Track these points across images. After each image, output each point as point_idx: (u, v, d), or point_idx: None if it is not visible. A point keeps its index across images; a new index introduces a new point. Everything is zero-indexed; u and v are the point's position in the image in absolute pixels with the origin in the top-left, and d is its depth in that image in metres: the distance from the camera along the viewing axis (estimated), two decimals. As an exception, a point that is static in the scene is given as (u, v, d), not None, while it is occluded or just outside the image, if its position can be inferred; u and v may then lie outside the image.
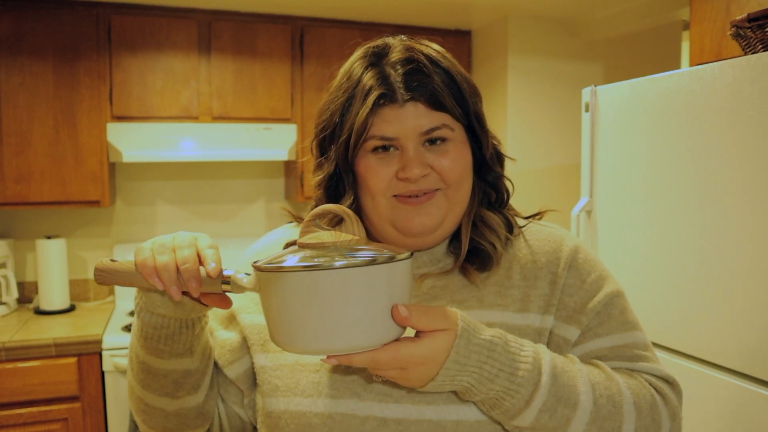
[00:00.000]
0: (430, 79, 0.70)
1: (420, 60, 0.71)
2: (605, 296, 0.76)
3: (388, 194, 0.72)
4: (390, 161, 0.71)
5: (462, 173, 0.74)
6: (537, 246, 0.79)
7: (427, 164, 0.71)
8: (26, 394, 2.09)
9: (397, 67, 0.71)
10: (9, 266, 2.51)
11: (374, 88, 0.70)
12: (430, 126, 0.71)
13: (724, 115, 1.46)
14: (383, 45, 0.74)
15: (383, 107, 0.70)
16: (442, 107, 0.71)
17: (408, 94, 0.70)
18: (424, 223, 0.73)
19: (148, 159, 2.44)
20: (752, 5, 1.71)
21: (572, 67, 2.85)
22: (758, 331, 1.39)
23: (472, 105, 0.75)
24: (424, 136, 0.71)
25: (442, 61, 0.73)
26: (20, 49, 2.33)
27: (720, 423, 1.48)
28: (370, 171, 0.72)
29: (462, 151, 0.74)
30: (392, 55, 0.72)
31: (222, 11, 2.59)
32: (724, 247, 1.46)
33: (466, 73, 0.76)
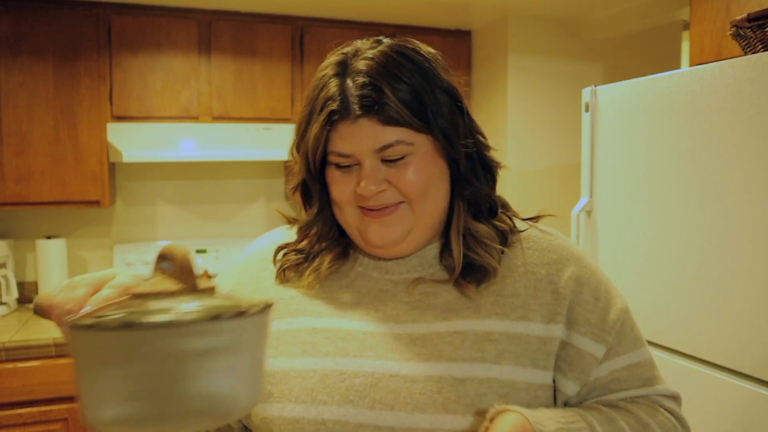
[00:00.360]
0: (382, 94, 0.67)
1: (375, 72, 0.68)
2: (620, 313, 0.76)
3: (353, 205, 0.72)
4: (351, 176, 0.71)
5: (425, 187, 0.71)
6: (537, 255, 0.77)
7: (384, 180, 0.70)
8: (26, 394, 2.09)
9: (356, 79, 0.69)
10: (9, 266, 2.51)
11: (329, 104, 0.69)
12: (384, 143, 0.69)
13: (724, 115, 1.46)
14: (353, 51, 0.72)
15: (339, 122, 0.69)
16: (396, 123, 0.68)
17: (360, 110, 0.68)
18: (384, 236, 0.72)
19: (148, 159, 2.44)
20: (752, 5, 1.71)
21: (572, 67, 2.85)
22: (758, 331, 1.39)
23: (440, 116, 0.70)
24: (379, 153, 0.69)
25: (405, 70, 0.69)
26: (20, 49, 2.33)
27: (720, 423, 1.48)
28: (333, 183, 0.73)
29: (426, 164, 0.71)
30: (355, 64, 0.70)
31: (222, 11, 2.59)
32: (724, 247, 1.46)
33: (440, 80, 0.72)
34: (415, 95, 0.69)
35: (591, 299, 0.75)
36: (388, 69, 0.69)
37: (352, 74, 0.69)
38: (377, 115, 0.68)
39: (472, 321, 0.71)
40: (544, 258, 0.76)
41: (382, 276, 0.77)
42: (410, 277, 0.76)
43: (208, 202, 2.93)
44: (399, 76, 0.69)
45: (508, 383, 0.68)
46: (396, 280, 0.76)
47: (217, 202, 2.94)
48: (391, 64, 0.69)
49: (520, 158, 2.81)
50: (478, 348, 0.69)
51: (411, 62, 0.70)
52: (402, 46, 0.72)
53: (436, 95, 0.70)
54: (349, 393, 0.69)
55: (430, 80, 0.70)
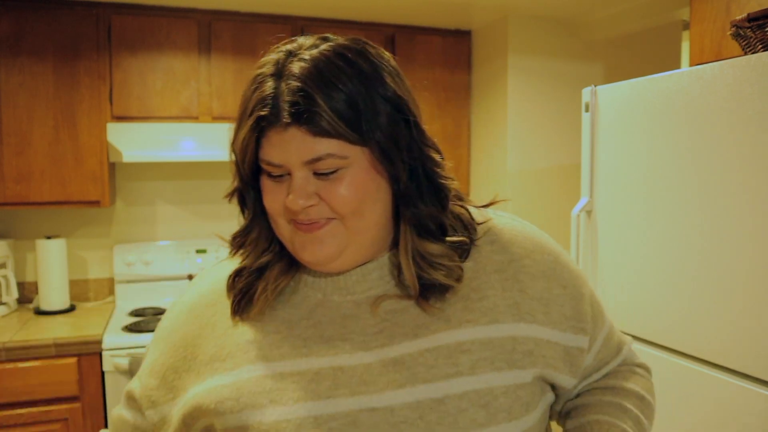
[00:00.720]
0: (314, 103, 0.62)
1: (309, 78, 0.62)
2: (590, 297, 0.78)
3: (286, 218, 0.68)
4: (282, 186, 0.66)
5: (358, 204, 0.66)
6: (501, 251, 0.74)
7: (314, 193, 0.65)
8: (26, 395, 2.09)
9: (289, 83, 0.63)
10: (9, 266, 2.51)
11: (258, 107, 0.64)
12: (313, 156, 0.63)
13: (724, 115, 1.46)
14: (292, 50, 0.66)
15: (269, 128, 0.64)
16: (327, 134, 0.63)
17: (290, 117, 0.62)
18: (315, 253, 0.67)
19: (148, 159, 2.44)
20: (752, 5, 1.71)
21: (572, 67, 2.85)
22: (758, 331, 1.39)
23: (378, 128, 0.64)
24: (309, 165, 0.64)
25: (343, 76, 0.63)
26: (20, 49, 2.33)
27: (720, 423, 1.48)
28: (265, 193, 0.68)
29: (361, 179, 0.65)
30: (290, 67, 0.64)
31: (222, 11, 2.59)
32: (724, 247, 1.47)
33: (386, 86, 0.66)
34: (351, 104, 0.63)
35: (560, 291, 0.74)
36: (323, 74, 0.63)
37: (286, 77, 0.63)
38: (307, 125, 0.62)
39: (443, 334, 0.68)
40: (508, 254, 0.74)
41: (343, 298, 0.72)
42: (373, 294, 0.72)
43: (208, 202, 2.93)
44: (335, 82, 0.63)
45: (486, 392, 0.66)
46: (359, 300, 0.72)
47: (217, 202, 2.94)
48: (329, 68, 0.63)
49: (520, 158, 2.81)
50: (452, 362, 0.66)
51: (351, 67, 0.64)
52: (346, 48, 0.66)
53: (376, 104, 0.64)
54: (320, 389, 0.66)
55: (371, 88, 0.64)
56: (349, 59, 0.65)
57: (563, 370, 0.73)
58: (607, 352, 0.80)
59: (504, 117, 2.80)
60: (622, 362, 0.83)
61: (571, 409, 0.79)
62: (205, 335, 0.74)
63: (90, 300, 2.76)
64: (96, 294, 2.78)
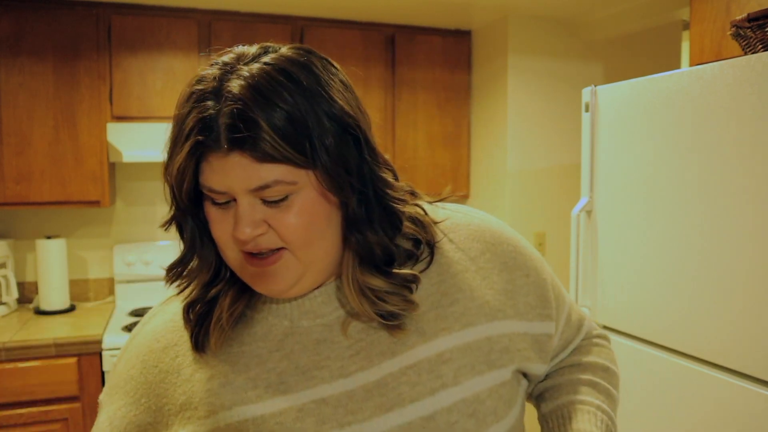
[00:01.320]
0: (255, 126, 0.56)
1: (249, 98, 0.57)
2: (551, 282, 0.79)
3: (234, 247, 0.63)
4: (228, 215, 0.61)
5: (308, 233, 0.61)
6: (461, 250, 0.72)
7: (262, 221, 0.60)
8: (26, 394, 2.09)
9: (227, 103, 0.57)
10: (9, 266, 2.51)
11: (195, 132, 0.58)
12: (258, 184, 0.58)
13: (724, 115, 1.46)
14: (231, 62, 0.61)
15: (209, 152, 0.58)
16: (273, 160, 0.57)
17: (229, 144, 0.57)
18: (270, 288, 0.64)
19: (148, 159, 2.44)
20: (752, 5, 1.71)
21: (572, 67, 2.85)
22: (758, 331, 1.39)
23: (323, 149, 0.59)
24: (255, 192, 0.59)
25: (285, 93, 0.58)
26: (20, 49, 2.33)
27: (720, 423, 1.48)
28: (212, 222, 0.63)
29: (311, 205, 0.61)
30: (229, 85, 0.58)
31: (222, 11, 2.59)
32: (724, 247, 1.47)
33: (333, 102, 0.60)
34: (295, 125, 0.57)
35: (523, 280, 0.74)
36: (264, 94, 0.57)
37: (225, 97, 0.58)
38: (250, 151, 0.57)
39: (420, 347, 0.66)
40: (469, 251, 0.73)
41: (313, 322, 0.68)
42: (342, 314, 0.68)
43: (208, 202, 2.93)
44: (276, 102, 0.57)
45: (472, 399, 0.65)
46: (329, 322, 0.68)
47: (217, 202, 2.94)
48: (270, 86, 0.58)
49: (520, 158, 2.81)
50: (436, 375, 0.65)
51: (294, 83, 0.59)
52: (289, 61, 0.61)
53: (322, 123, 0.59)
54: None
55: (316, 105, 0.59)
56: (291, 75, 0.59)
57: (535, 359, 0.74)
58: (570, 331, 0.82)
59: (504, 117, 2.80)
60: (584, 336, 0.86)
61: (543, 390, 0.81)
62: (170, 382, 0.68)
63: (90, 300, 2.76)
64: (96, 294, 2.78)
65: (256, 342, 0.68)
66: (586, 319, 0.87)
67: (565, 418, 0.75)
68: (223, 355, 0.67)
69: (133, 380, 0.70)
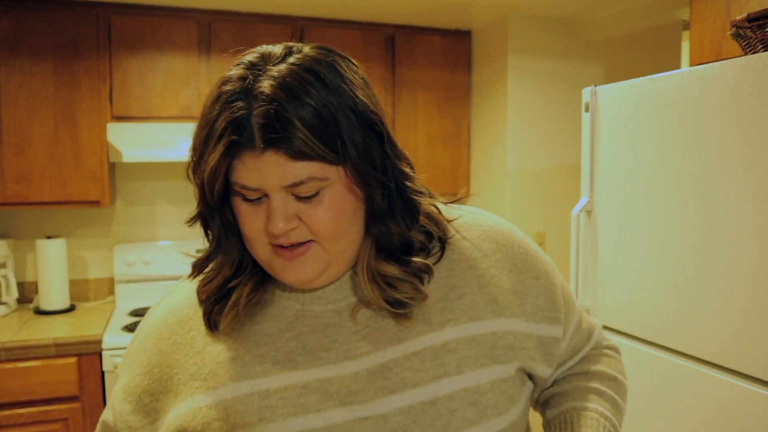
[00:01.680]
0: (289, 125, 0.58)
1: (281, 97, 0.59)
2: (561, 287, 0.79)
3: (265, 241, 0.65)
4: (260, 209, 0.64)
5: (337, 227, 0.64)
6: (473, 247, 0.74)
7: (294, 216, 0.63)
8: (26, 394, 2.09)
9: (260, 104, 0.59)
10: (9, 266, 2.51)
11: (229, 132, 0.60)
12: (293, 180, 0.61)
13: (724, 115, 1.46)
14: (258, 63, 0.63)
15: (243, 151, 0.60)
16: (306, 157, 0.60)
17: (264, 143, 0.59)
18: (298, 278, 0.66)
19: (148, 159, 2.44)
20: (752, 5, 1.71)
21: (572, 67, 2.85)
22: (758, 331, 1.39)
23: (352, 145, 0.62)
24: (289, 189, 0.62)
25: (313, 91, 0.60)
26: (20, 49, 2.33)
27: (720, 423, 1.48)
28: (241, 217, 0.65)
29: (340, 200, 0.64)
30: (259, 85, 0.60)
31: (222, 11, 2.59)
32: (724, 247, 1.47)
33: (357, 99, 0.63)
34: (326, 122, 0.60)
35: (533, 282, 0.75)
36: (295, 93, 0.59)
37: (256, 97, 0.60)
38: (284, 149, 0.59)
39: (426, 336, 0.68)
40: (480, 249, 0.74)
41: (323, 308, 0.70)
42: (352, 302, 0.71)
43: (208, 202, 2.92)
44: (307, 101, 0.59)
45: (474, 390, 0.66)
46: (338, 308, 0.70)
47: (217, 202, 2.94)
48: (300, 85, 0.60)
49: (520, 158, 2.81)
50: (439, 363, 0.66)
51: (322, 82, 0.61)
52: (315, 61, 0.63)
53: (350, 120, 0.62)
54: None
55: (343, 103, 0.61)
56: (318, 74, 0.61)
57: (540, 360, 0.74)
58: (579, 338, 0.82)
59: (504, 117, 2.80)
60: (594, 346, 0.85)
61: (549, 397, 0.81)
62: (182, 353, 0.70)
63: (90, 300, 2.76)
64: (96, 294, 2.78)
65: (268, 322, 0.70)
66: (596, 329, 0.86)
67: (568, 422, 0.76)
68: (235, 333, 0.70)
69: (147, 351, 0.73)
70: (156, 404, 0.70)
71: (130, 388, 0.72)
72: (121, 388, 0.74)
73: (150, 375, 0.71)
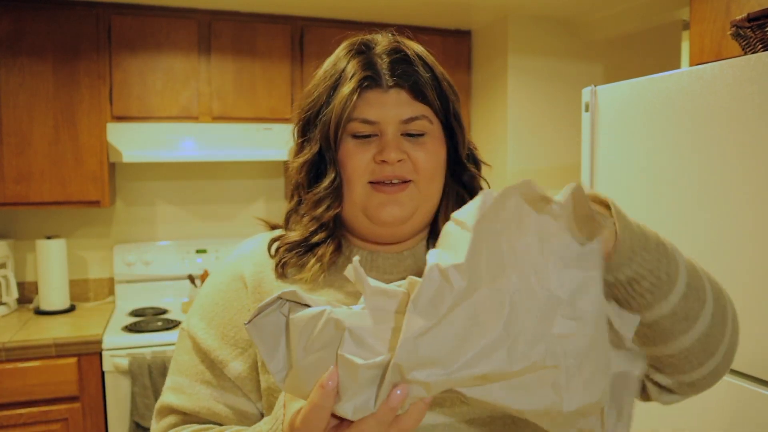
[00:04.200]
0: (415, 69, 0.72)
1: (406, 51, 0.73)
2: None
3: (364, 180, 0.73)
4: (369, 147, 0.72)
5: (435, 168, 0.75)
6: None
7: (404, 151, 0.72)
8: (26, 395, 2.09)
9: (383, 56, 0.73)
10: (9, 266, 2.51)
11: (359, 72, 0.71)
12: (411, 115, 0.72)
13: (724, 115, 1.46)
14: (370, 38, 0.76)
15: (368, 91, 0.71)
16: (424, 98, 0.73)
17: (393, 80, 0.72)
18: (394, 213, 0.73)
19: (148, 159, 2.44)
20: (752, 5, 1.71)
21: (572, 67, 2.85)
22: (758, 331, 1.39)
23: (452, 103, 0.76)
24: (404, 125, 0.72)
25: (426, 57, 0.75)
26: (20, 49, 2.33)
27: (720, 423, 1.48)
28: (349, 155, 0.73)
29: (437, 147, 0.75)
30: (379, 47, 0.74)
31: (222, 11, 2.59)
32: (725, 247, 1.46)
33: (446, 74, 0.78)
34: (437, 81, 0.75)
35: None
36: (412, 48, 0.74)
37: (379, 54, 0.73)
38: (409, 87, 0.72)
39: None
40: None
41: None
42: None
43: (208, 202, 2.93)
44: (423, 59, 0.74)
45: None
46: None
47: (217, 202, 2.94)
48: (413, 49, 0.74)
49: (520, 158, 2.81)
50: None
51: (426, 52, 0.76)
52: (411, 42, 0.77)
53: (450, 84, 0.77)
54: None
55: (441, 70, 0.76)
56: (422, 48, 0.76)
57: None
58: None
59: (504, 117, 2.80)
60: None
61: None
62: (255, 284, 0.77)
63: (90, 300, 2.76)
64: (96, 294, 2.78)
65: (330, 280, 0.76)
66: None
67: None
68: (300, 283, 0.76)
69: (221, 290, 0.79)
70: (242, 334, 0.75)
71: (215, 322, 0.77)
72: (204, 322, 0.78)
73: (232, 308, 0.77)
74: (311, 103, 0.76)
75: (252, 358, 0.75)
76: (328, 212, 0.75)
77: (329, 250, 0.76)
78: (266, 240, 0.81)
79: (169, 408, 0.77)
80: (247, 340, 0.75)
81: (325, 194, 0.75)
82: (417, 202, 0.74)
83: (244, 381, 0.75)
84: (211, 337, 0.76)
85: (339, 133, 0.72)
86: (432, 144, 0.74)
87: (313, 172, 0.76)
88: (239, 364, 0.75)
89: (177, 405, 0.76)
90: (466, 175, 0.79)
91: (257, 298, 0.76)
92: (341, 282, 0.76)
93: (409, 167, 0.73)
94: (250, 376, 0.75)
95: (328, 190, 0.74)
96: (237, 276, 0.79)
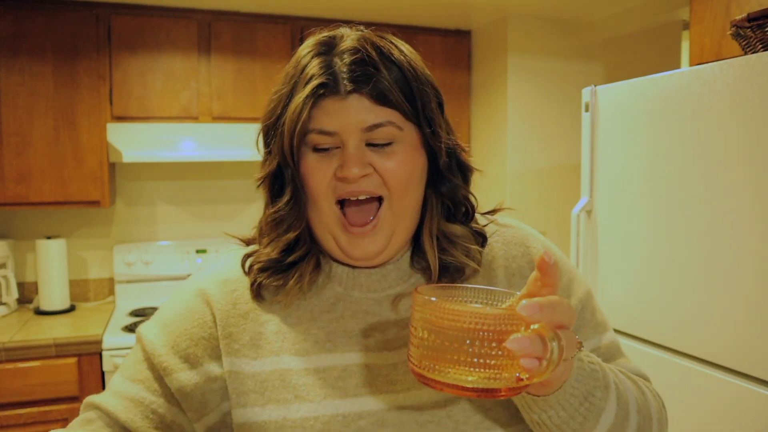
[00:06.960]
0: (377, 71, 0.64)
1: (368, 51, 0.64)
2: (578, 302, 0.76)
3: (330, 199, 0.66)
4: (331, 160, 0.65)
5: (408, 179, 0.66)
6: (504, 249, 0.75)
7: (368, 164, 0.65)
8: (26, 395, 2.09)
9: (344, 57, 0.64)
10: (9, 266, 2.51)
11: (315, 77, 0.63)
12: (374, 121, 0.64)
13: (724, 115, 1.46)
14: (336, 34, 0.68)
15: (325, 98, 0.64)
16: (388, 102, 0.64)
17: (351, 85, 0.63)
18: (367, 250, 0.67)
19: (148, 159, 2.44)
20: (752, 5, 1.71)
21: (572, 67, 2.85)
22: (758, 331, 1.39)
23: (425, 105, 0.67)
24: (366, 133, 0.64)
25: (395, 55, 0.66)
26: (20, 49, 2.33)
27: (720, 423, 1.48)
28: (309, 171, 0.66)
29: (410, 156, 0.67)
30: (342, 45, 0.66)
31: (222, 11, 2.59)
32: (725, 247, 1.46)
33: (425, 72, 0.69)
34: (406, 80, 0.65)
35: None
36: (378, 47, 0.65)
37: (340, 53, 0.65)
38: (370, 91, 0.63)
39: None
40: (510, 252, 0.75)
41: (364, 295, 0.71)
42: (392, 293, 0.72)
43: (208, 202, 2.93)
44: (389, 56, 0.65)
45: None
46: (379, 298, 0.71)
47: (217, 202, 2.94)
48: (381, 43, 0.66)
49: (520, 158, 2.81)
50: None
51: (396, 47, 0.68)
52: (385, 34, 0.69)
53: (424, 83, 0.67)
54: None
55: (416, 70, 0.67)
56: (393, 41, 0.68)
57: None
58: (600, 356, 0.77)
59: (504, 117, 2.80)
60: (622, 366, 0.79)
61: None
62: (224, 310, 0.71)
63: (90, 300, 2.76)
64: (96, 294, 2.78)
65: (310, 299, 0.71)
66: (623, 357, 0.79)
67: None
68: (277, 305, 0.70)
69: (186, 301, 0.73)
70: (194, 350, 0.69)
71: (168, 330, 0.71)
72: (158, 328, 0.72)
73: (190, 321, 0.70)
74: (270, 112, 0.68)
75: (203, 376, 0.69)
76: (288, 233, 0.69)
77: (308, 269, 0.70)
78: (238, 258, 0.75)
79: (93, 404, 0.71)
80: (199, 357, 0.69)
81: (284, 214, 0.69)
82: (391, 227, 0.67)
83: (186, 396, 0.68)
84: (162, 343, 0.70)
85: (296, 146, 0.65)
86: (403, 152, 0.66)
87: (277, 186, 0.70)
88: (184, 377, 0.68)
89: (98, 401, 0.70)
90: (446, 186, 0.71)
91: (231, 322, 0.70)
92: (319, 320, 0.70)
93: (377, 181, 0.65)
94: (193, 393, 0.68)
95: (286, 210, 0.69)
96: (202, 294, 0.72)
